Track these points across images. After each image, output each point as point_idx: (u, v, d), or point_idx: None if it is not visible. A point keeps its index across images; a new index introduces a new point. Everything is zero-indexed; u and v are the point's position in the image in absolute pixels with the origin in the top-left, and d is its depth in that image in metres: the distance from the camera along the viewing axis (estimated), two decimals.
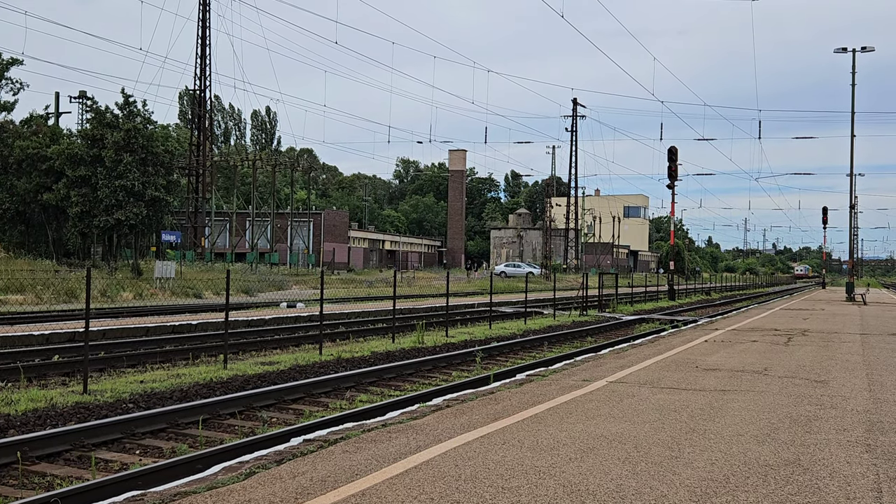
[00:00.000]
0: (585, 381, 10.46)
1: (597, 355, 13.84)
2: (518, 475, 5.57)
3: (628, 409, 8.35)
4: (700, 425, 7.48)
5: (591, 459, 6.06)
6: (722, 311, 32.52)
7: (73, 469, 7.49)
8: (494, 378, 12.25)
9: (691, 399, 9.01)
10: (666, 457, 6.18)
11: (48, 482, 7.09)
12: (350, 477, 5.48)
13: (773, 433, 7.16)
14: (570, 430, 7.13)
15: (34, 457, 7.61)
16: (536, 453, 6.23)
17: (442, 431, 7.07)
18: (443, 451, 6.29)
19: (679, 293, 48.46)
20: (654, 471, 5.75)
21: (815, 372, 11.59)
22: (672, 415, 8.05)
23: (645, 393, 9.43)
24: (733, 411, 8.26)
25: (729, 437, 6.95)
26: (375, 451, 6.28)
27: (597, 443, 6.64)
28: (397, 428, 7.27)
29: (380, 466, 5.78)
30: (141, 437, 8.72)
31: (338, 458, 6.09)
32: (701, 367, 11.97)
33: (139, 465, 7.38)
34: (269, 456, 6.27)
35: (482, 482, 5.38)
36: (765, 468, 5.89)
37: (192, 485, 5.39)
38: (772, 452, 6.40)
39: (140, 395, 10.80)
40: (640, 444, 6.61)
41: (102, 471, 7.39)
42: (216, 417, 9.78)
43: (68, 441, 8.05)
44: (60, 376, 12.67)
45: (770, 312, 28.35)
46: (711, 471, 5.79)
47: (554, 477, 5.54)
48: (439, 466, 5.79)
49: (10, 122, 53.17)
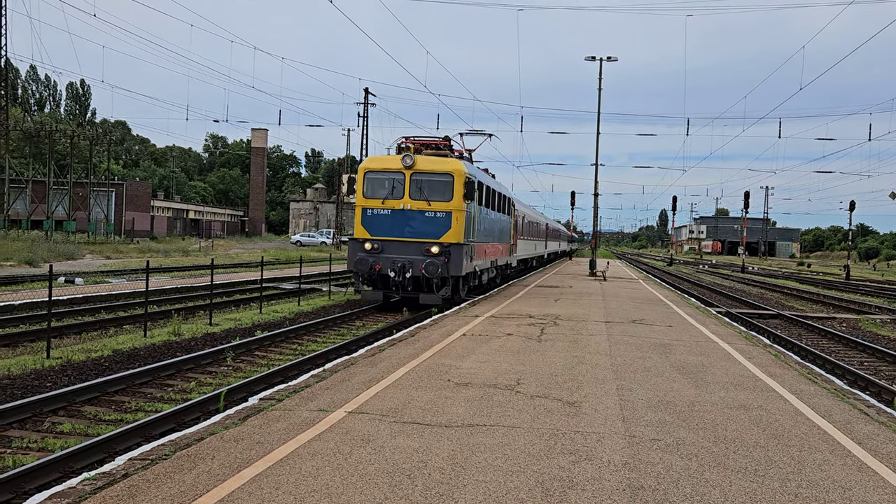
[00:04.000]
0: (323, 410, 7.95)
1: (350, 358, 11.39)
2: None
3: (354, 473, 5.91)
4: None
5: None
6: None
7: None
8: (226, 396, 9.50)
9: (433, 448, 6.69)
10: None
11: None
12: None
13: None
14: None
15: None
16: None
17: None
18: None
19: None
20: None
21: (567, 386, 9.67)
22: (404, 484, 5.70)
23: (383, 436, 7.04)
24: (477, 474, 6.01)
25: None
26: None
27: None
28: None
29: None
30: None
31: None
32: (454, 380, 9.78)
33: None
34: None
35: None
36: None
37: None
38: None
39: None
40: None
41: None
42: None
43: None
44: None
45: (526, 291, 27.13)
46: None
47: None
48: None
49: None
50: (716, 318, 20.44)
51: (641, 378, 10.45)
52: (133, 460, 6.15)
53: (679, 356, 12.59)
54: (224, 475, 5.76)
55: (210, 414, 8.62)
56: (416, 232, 20.20)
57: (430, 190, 20.32)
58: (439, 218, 20.16)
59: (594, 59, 43.03)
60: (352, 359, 11.39)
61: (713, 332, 16.55)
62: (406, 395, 8.78)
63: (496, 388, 9.42)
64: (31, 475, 6.44)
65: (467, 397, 8.81)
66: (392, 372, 10.24)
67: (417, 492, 5.53)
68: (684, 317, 19.67)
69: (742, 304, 30.43)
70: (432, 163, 20.61)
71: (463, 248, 20.29)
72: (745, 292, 38.62)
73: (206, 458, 6.18)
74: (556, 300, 23.30)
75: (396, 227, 20.26)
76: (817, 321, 23.84)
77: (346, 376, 9.88)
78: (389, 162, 20.76)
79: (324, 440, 6.81)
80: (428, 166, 20.44)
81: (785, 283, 49.43)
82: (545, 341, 13.78)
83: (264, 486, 5.53)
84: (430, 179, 20.35)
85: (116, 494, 5.30)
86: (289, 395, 8.69)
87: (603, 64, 42.95)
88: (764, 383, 10.51)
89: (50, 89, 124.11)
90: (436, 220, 20.17)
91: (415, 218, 20.26)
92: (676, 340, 14.64)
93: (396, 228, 20.26)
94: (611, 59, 43.05)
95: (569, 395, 9.17)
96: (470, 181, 20.53)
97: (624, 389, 9.61)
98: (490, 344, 13.19)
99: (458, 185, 20.31)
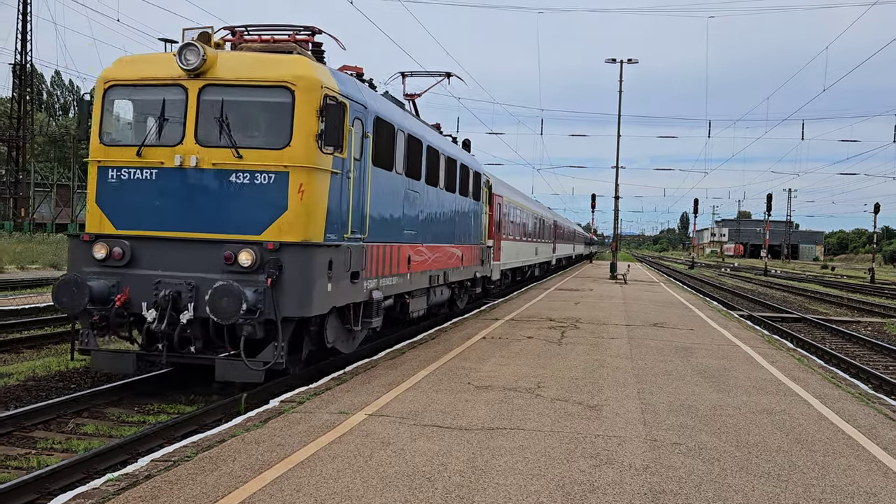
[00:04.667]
0: (343, 413, 7.97)
1: (370, 361, 11.40)
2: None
3: (375, 475, 5.92)
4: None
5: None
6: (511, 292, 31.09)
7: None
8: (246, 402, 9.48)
9: (453, 451, 6.69)
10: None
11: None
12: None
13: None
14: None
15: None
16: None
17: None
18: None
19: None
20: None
21: (587, 390, 9.63)
22: (424, 487, 5.70)
23: (403, 439, 7.04)
24: (497, 478, 6.00)
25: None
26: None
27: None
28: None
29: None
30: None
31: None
32: (474, 383, 9.77)
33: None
34: None
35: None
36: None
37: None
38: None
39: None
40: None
41: None
42: None
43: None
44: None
45: (546, 294, 27.06)
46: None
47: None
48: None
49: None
50: (738, 321, 20.27)
51: (663, 382, 10.38)
52: (155, 461, 6.20)
53: (701, 360, 12.49)
54: (245, 477, 5.79)
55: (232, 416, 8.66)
56: (209, 219, 9.57)
57: (242, 123, 9.75)
58: (261, 186, 9.51)
59: (614, 61, 42.88)
60: (372, 361, 11.40)
61: (735, 335, 16.42)
62: (426, 398, 8.78)
63: (516, 391, 9.39)
64: (55, 476, 6.50)
65: (487, 400, 8.79)
66: (412, 375, 10.25)
67: (437, 495, 5.53)
68: (706, 320, 19.52)
69: (765, 307, 30.16)
70: (248, 64, 9.80)
71: (319, 256, 9.52)
72: (768, 296, 38.28)
73: (228, 460, 6.21)
74: (576, 303, 23.22)
75: (167, 209, 9.68)
76: (841, 325, 23.57)
77: (367, 379, 9.89)
78: (156, 64, 10.05)
79: (344, 443, 6.82)
80: (238, 71, 9.70)
81: (808, 286, 48.95)
82: (566, 344, 13.73)
83: (285, 489, 5.56)
84: (240, 101, 9.71)
85: (139, 495, 5.34)
86: (309, 397, 8.72)
87: (623, 66, 42.84)
88: (787, 387, 10.41)
89: (74, 94, 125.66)
90: (250, 192, 9.53)
91: (206, 187, 9.62)
92: (698, 344, 14.54)
93: (167, 212, 9.68)
94: (631, 62, 42.89)
95: (589, 398, 9.12)
96: (336, 105, 9.66)
97: (645, 393, 9.55)
98: (510, 347, 13.16)
99: (306, 111, 9.55)
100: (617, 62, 42.86)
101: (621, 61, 42.82)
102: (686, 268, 78.44)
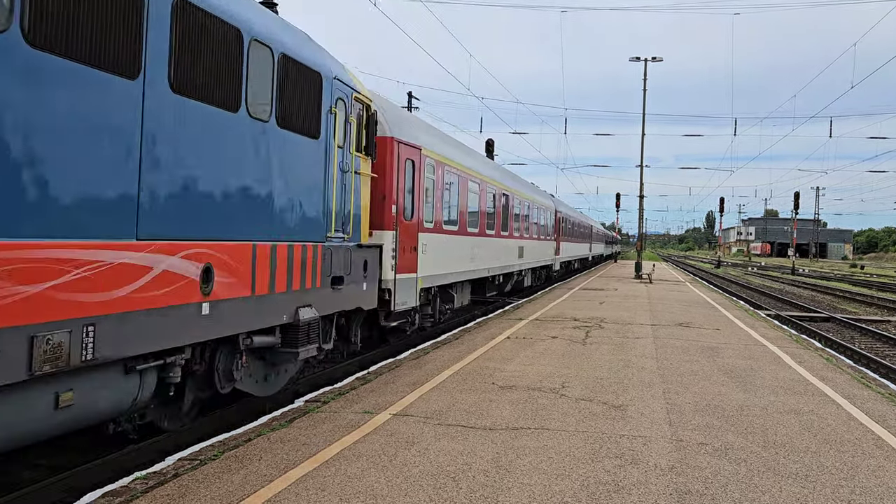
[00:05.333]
0: (367, 412, 8.00)
1: (394, 361, 11.44)
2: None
3: (399, 475, 5.93)
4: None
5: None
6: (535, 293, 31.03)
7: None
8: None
9: (477, 450, 6.69)
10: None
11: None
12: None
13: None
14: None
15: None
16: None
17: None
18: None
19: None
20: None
21: (612, 390, 9.58)
22: (449, 486, 5.70)
23: (428, 438, 7.05)
24: (521, 477, 5.99)
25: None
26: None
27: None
28: None
29: None
30: None
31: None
32: (498, 383, 9.75)
33: None
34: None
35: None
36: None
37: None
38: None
39: None
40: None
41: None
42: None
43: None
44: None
45: (571, 293, 26.95)
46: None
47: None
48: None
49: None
50: (765, 321, 20.06)
51: (688, 381, 10.30)
52: (182, 460, 6.26)
53: (727, 360, 12.38)
54: (271, 476, 5.83)
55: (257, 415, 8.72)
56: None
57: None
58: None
59: (639, 59, 42.64)
60: (396, 361, 11.43)
61: (762, 335, 16.25)
62: (450, 398, 8.79)
63: (541, 391, 9.37)
64: (84, 474, 6.58)
65: (512, 400, 8.78)
66: (436, 374, 10.26)
67: (462, 494, 5.53)
68: (732, 320, 19.34)
69: (792, 306, 29.83)
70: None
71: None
72: (796, 295, 37.85)
73: (254, 459, 6.26)
74: (601, 303, 23.11)
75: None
76: (871, 324, 23.25)
77: (391, 379, 9.92)
78: None
79: (368, 442, 6.85)
80: None
81: (837, 285, 48.32)
82: (590, 344, 13.67)
83: (310, 487, 5.59)
84: None
85: (167, 494, 5.39)
86: (334, 397, 8.76)
87: (648, 64, 42.56)
88: (815, 387, 10.28)
89: None
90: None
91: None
92: (724, 344, 14.41)
93: None
94: (656, 60, 42.61)
95: (614, 398, 9.08)
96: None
97: (671, 393, 9.48)
98: (534, 347, 13.13)
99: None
100: (641, 60, 42.61)
101: (645, 59, 42.56)
102: (712, 267, 77.78)
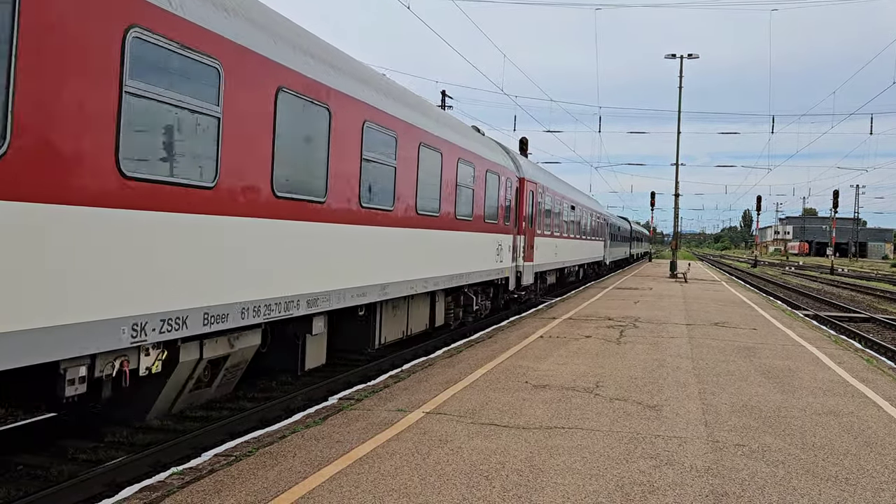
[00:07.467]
0: (401, 410, 8.01)
1: (428, 359, 11.45)
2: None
3: (432, 473, 5.93)
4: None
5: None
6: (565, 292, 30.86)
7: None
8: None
9: (511, 449, 6.66)
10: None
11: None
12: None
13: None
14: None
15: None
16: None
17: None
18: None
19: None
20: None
21: (647, 389, 9.49)
22: (482, 485, 5.68)
23: (461, 437, 7.04)
24: (555, 477, 5.95)
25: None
26: None
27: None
28: None
29: None
30: None
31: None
32: (531, 382, 9.71)
33: None
34: None
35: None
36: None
37: None
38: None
39: None
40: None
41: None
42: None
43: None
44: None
45: (604, 293, 26.77)
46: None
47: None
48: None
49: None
50: (803, 321, 19.74)
51: (725, 382, 10.17)
52: (218, 456, 6.32)
53: (764, 360, 12.20)
54: (305, 472, 5.86)
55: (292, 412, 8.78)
56: None
57: None
58: None
59: (674, 56, 42.17)
60: (430, 359, 11.44)
61: (800, 335, 15.99)
62: (483, 397, 8.77)
63: (574, 390, 9.31)
64: (122, 469, 6.68)
65: (545, 399, 8.74)
66: (469, 373, 10.25)
67: (495, 493, 5.51)
68: (769, 319, 19.06)
69: (831, 306, 29.31)
70: None
71: None
72: (835, 295, 37.19)
73: (288, 456, 6.30)
74: (635, 302, 22.92)
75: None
76: None
77: (424, 377, 9.93)
78: None
79: (402, 440, 6.86)
80: None
81: (877, 285, 47.38)
82: (624, 344, 13.56)
83: (344, 485, 5.61)
84: None
85: (203, 489, 5.45)
86: (368, 395, 8.79)
87: (683, 61, 42.08)
88: (855, 389, 10.09)
89: None
90: None
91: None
92: (761, 344, 14.20)
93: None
94: (692, 57, 42.09)
95: (649, 398, 8.99)
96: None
97: (706, 393, 9.37)
98: (568, 346, 13.06)
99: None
100: (676, 58, 42.15)
101: (681, 56, 42.08)
102: (749, 266, 76.72)
